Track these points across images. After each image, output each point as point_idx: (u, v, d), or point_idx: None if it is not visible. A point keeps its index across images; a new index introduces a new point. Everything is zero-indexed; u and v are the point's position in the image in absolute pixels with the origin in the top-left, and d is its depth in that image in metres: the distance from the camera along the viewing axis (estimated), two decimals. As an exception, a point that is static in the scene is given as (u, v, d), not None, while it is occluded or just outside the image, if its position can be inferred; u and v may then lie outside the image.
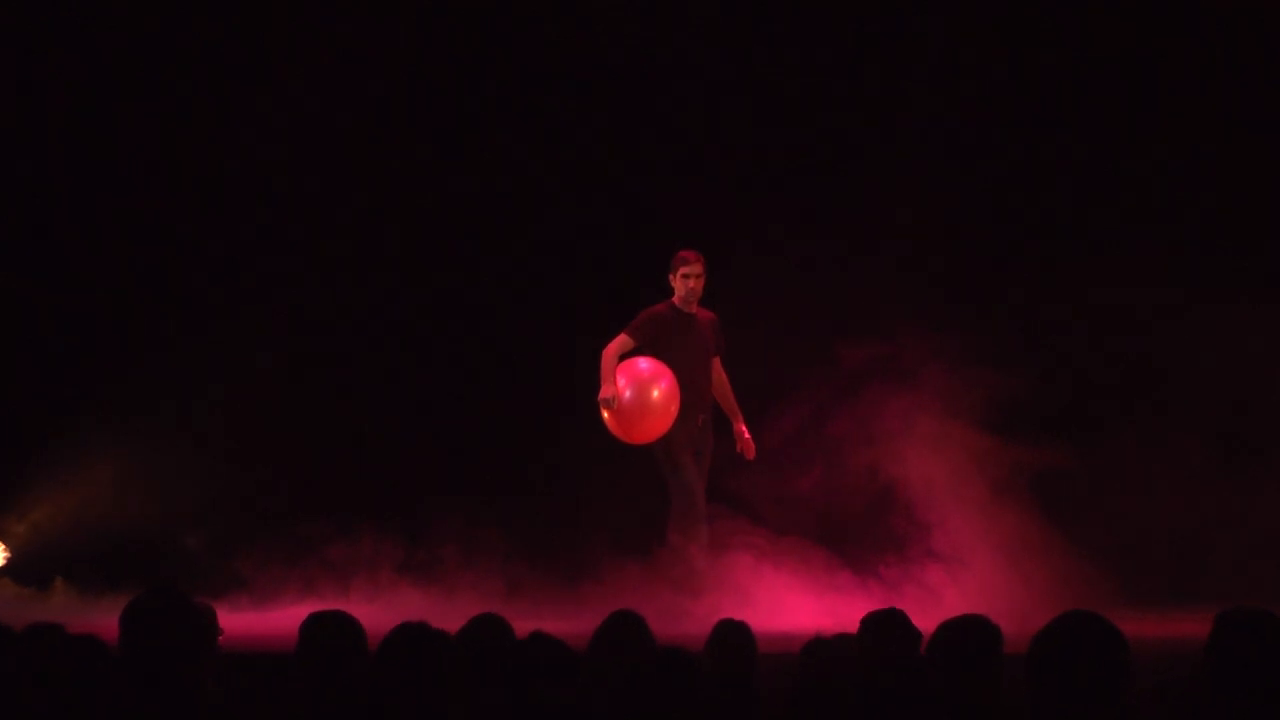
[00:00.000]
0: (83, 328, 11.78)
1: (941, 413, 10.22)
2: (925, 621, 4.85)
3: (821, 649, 4.99)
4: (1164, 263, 10.72)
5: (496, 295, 11.70)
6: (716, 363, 10.24)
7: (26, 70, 11.70)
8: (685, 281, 10.00)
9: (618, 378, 9.84)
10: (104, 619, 4.85)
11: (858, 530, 10.38)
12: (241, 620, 9.29)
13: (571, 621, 6.58)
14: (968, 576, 9.81)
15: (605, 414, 9.87)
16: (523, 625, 4.98)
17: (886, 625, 5.10)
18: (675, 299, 10.06)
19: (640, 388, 9.85)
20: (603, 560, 9.93)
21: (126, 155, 11.78)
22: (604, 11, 11.46)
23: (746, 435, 10.21)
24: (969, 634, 4.62)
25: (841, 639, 5.04)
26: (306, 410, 11.52)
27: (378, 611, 9.54)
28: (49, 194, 11.82)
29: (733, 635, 5.43)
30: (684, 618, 9.07)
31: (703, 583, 9.72)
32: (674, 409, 9.86)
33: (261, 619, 9.67)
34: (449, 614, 5.14)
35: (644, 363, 9.95)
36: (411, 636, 4.44)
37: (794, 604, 9.47)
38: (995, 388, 10.23)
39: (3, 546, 11.83)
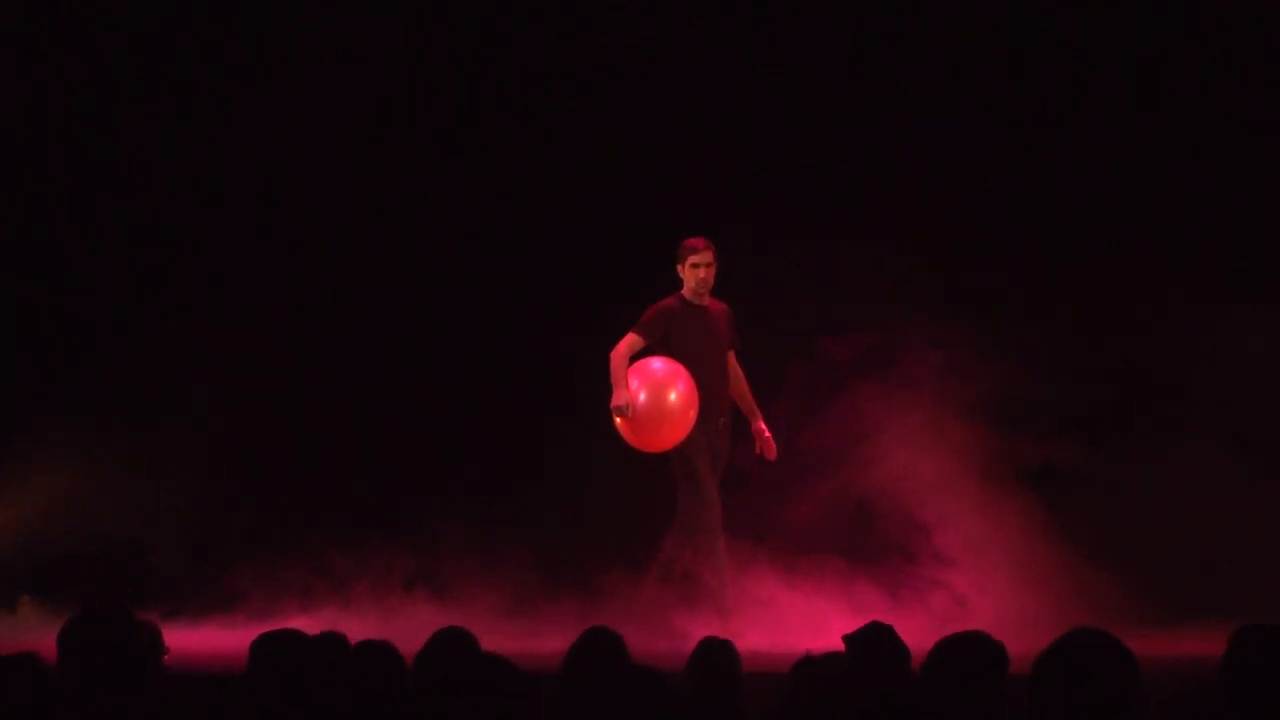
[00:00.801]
0: (82, 328, 11.77)
1: (945, 415, 10.21)
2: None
3: (811, 668, 4.82)
4: (1164, 263, 10.73)
5: (497, 295, 11.68)
6: (732, 358, 9.85)
7: (26, 70, 11.68)
8: (695, 272, 9.63)
9: (630, 381, 9.35)
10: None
11: (870, 540, 10.33)
12: (236, 638, 9.18)
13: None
14: (989, 586, 9.78)
15: (618, 422, 9.39)
16: (526, 642, 4.92)
17: (873, 642, 4.91)
18: (685, 291, 9.68)
19: (655, 391, 9.36)
20: (603, 572, 9.88)
21: (126, 155, 11.76)
22: (604, 11, 11.45)
23: (767, 434, 9.80)
24: (969, 652, 4.45)
25: (832, 657, 4.85)
26: (304, 412, 11.49)
27: (373, 625, 9.52)
28: (49, 194, 11.80)
29: (715, 654, 5.21)
30: (673, 634, 8.81)
31: (718, 602, 9.35)
32: (693, 413, 9.38)
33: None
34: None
35: (657, 363, 9.49)
36: (368, 655, 4.37)
37: (827, 622, 9.05)
38: (997, 389, 10.24)
39: None
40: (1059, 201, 11.10)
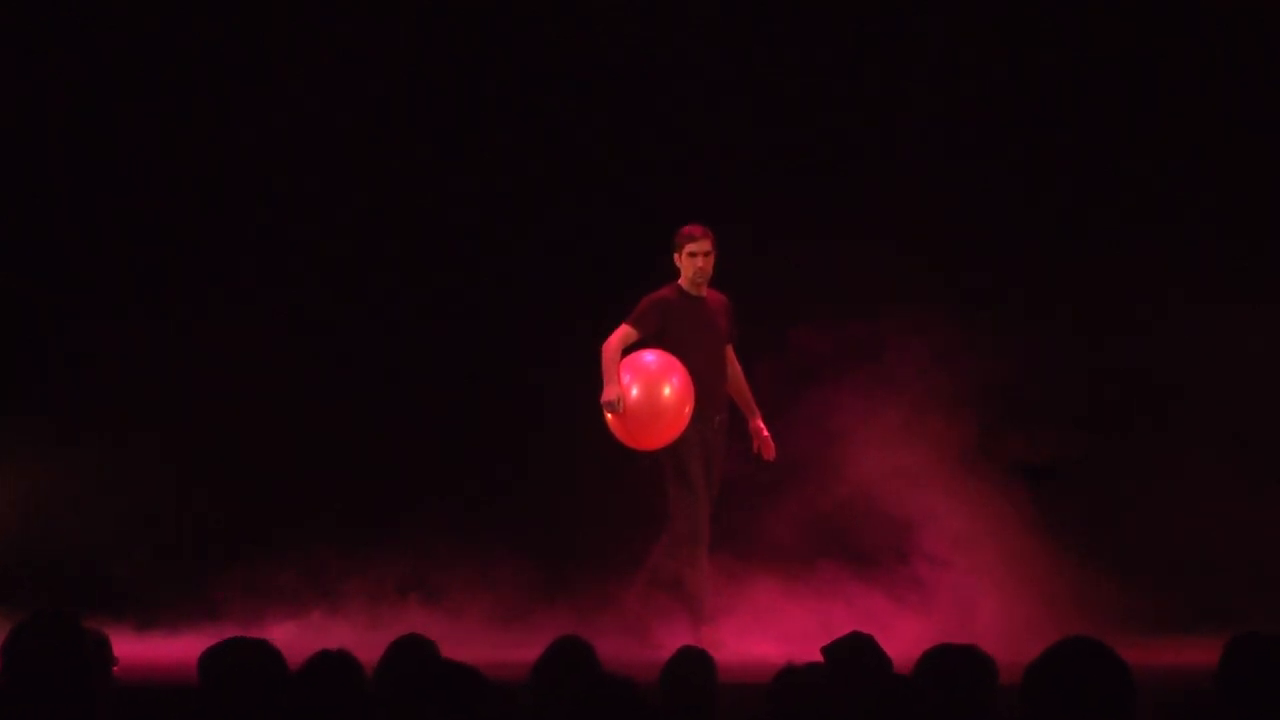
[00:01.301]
0: (82, 328, 11.76)
1: (946, 416, 10.20)
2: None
3: (792, 678, 4.73)
4: (1164, 263, 10.72)
5: (497, 295, 11.66)
6: (730, 352, 9.63)
7: (26, 70, 11.68)
8: (692, 260, 9.39)
9: (622, 375, 9.11)
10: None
11: (869, 546, 10.30)
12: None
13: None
14: (985, 591, 9.76)
15: (610, 418, 9.16)
16: (518, 651, 4.90)
17: (854, 652, 4.84)
18: (682, 281, 9.44)
19: (649, 386, 9.10)
20: (600, 579, 9.85)
21: (126, 155, 11.76)
22: (604, 11, 11.44)
23: (765, 433, 9.56)
24: (957, 664, 4.36)
25: (813, 668, 4.77)
26: (304, 412, 11.47)
27: (363, 632, 9.51)
28: (49, 194, 11.80)
29: (690, 664, 5.12)
30: (656, 644, 8.76)
31: (698, 609, 9.18)
32: (688, 409, 9.12)
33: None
34: (445, 637, 5.07)
35: (651, 356, 9.24)
36: (325, 664, 4.31)
37: (815, 629, 8.91)
38: (994, 390, 10.24)
39: None
40: (1059, 201, 11.10)
